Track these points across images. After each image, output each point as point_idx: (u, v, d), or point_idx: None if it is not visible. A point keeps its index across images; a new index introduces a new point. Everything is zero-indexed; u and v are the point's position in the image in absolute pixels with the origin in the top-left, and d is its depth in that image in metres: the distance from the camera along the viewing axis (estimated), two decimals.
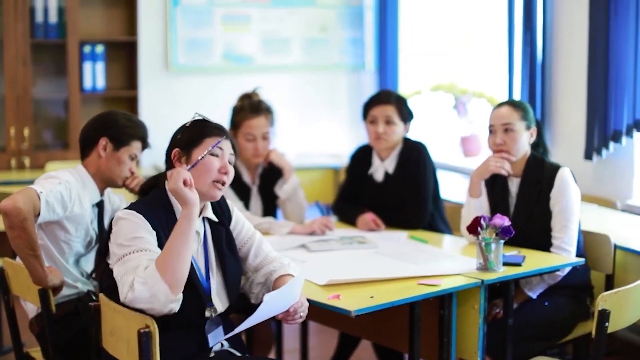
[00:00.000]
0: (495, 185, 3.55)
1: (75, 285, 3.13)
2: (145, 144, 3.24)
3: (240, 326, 2.53)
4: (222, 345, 2.64)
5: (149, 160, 5.63)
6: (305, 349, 4.25)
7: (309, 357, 4.29)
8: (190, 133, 2.56)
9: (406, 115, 3.94)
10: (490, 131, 3.50)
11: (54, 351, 2.96)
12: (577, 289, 3.42)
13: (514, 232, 3.06)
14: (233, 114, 4.00)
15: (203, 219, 2.62)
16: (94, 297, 3.09)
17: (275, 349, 4.17)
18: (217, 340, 2.60)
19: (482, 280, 2.99)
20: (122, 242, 2.44)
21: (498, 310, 3.29)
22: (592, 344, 2.75)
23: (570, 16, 4.68)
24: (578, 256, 3.36)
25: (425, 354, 3.07)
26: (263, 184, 4.03)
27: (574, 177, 3.43)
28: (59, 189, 2.96)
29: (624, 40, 4.18)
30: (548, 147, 3.59)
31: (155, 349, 2.37)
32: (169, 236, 2.43)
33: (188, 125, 2.58)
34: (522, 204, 3.46)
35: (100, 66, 5.73)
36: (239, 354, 2.65)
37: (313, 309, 2.64)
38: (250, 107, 3.96)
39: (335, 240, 3.63)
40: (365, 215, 3.87)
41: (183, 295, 2.42)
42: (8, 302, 3.12)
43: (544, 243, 3.38)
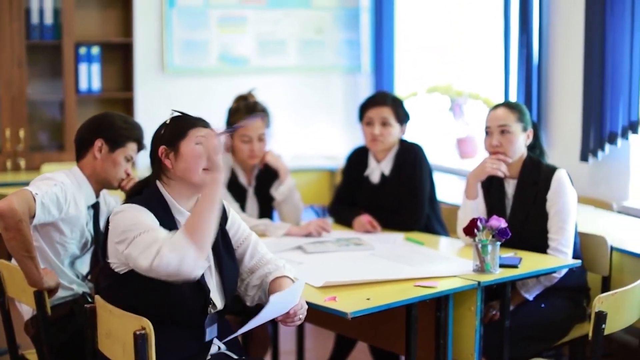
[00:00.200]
0: (491, 187, 3.54)
1: (71, 287, 3.12)
2: (140, 146, 3.24)
3: (243, 328, 2.53)
4: (219, 347, 2.63)
5: (145, 162, 5.61)
6: (301, 350, 4.24)
7: (305, 359, 4.28)
8: (173, 128, 2.60)
9: (402, 116, 3.94)
10: (487, 133, 3.50)
11: (50, 353, 2.95)
12: (574, 291, 3.42)
13: (510, 234, 3.06)
14: (229, 115, 4.01)
15: None
16: (89, 299, 3.08)
17: (272, 351, 4.16)
18: (211, 336, 2.60)
19: (479, 282, 2.99)
20: (130, 226, 2.42)
21: (494, 312, 3.28)
22: (589, 346, 2.75)
23: (566, 18, 4.68)
24: (574, 258, 3.36)
25: (421, 355, 3.07)
26: (259, 186, 4.03)
27: (571, 179, 3.43)
28: (54, 191, 2.95)
29: (620, 42, 4.18)
30: (544, 149, 3.59)
31: (151, 351, 2.37)
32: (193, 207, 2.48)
33: (168, 122, 2.62)
34: (519, 205, 3.46)
35: (95, 67, 5.71)
36: (235, 356, 2.65)
37: (309, 310, 2.64)
38: (246, 109, 3.96)
39: (332, 242, 3.62)
40: (361, 217, 3.86)
41: (186, 292, 2.42)
42: (3, 304, 3.11)
43: (540, 245, 3.37)
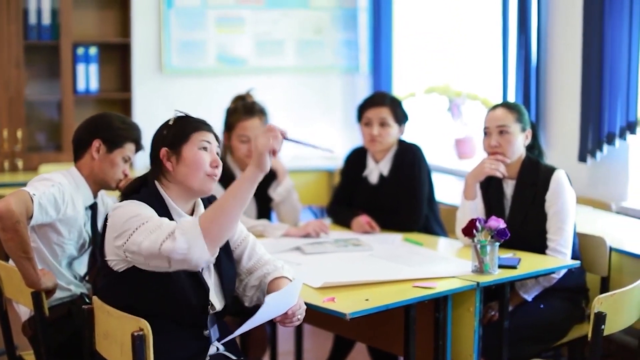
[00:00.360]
0: (490, 187, 3.54)
1: (69, 288, 3.11)
2: (138, 146, 3.23)
3: (240, 328, 2.52)
4: (217, 348, 2.63)
5: (143, 163, 5.61)
6: (299, 351, 4.23)
7: None
8: (176, 130, 2.57)
9: (401, 117, 3.94)
10: (485, 133, 3.49)
11: (47, 354, 2.94)
12: (573, 292, 3.42)
13: (509, 235, 3.06)
14: (227, 115, 4.00)
15: None
16: (87, 300, 3.08)
17: (270, 352, 4.16)
18: (215, 337, 2.59)
19: (478, 283, 2.99)
20: (130, 218, 2.38)
21: (493, 312, 3.28)
22: (588, 347, 2.74)
23: (564, 19, 4.68)
24: (573, 258, 3.35)
25: (420, 356, 3.06)
26: (257, 186, 4.00)
27: (569, 180, 3.43)
28: (52, 191, 2.94)
29: (618, 42, 4.18)
30: (543, 149, 3.58)
31: (149, 352, 2.36)
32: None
33: (171, 123, 2.59)
34: (517, 206, 3.45)
35: (93, 68, 5.71)
36: (234, 357, 2.64)
37: (308, 311, 2.63)
38: (244, 109, 3.95)
39: (330, 243, 3.62)
40: (359, 217, 3.86)
41: (185, 290, 2.42)
42: (1, 305, 3.10)
43: (539, 245, 3.37)
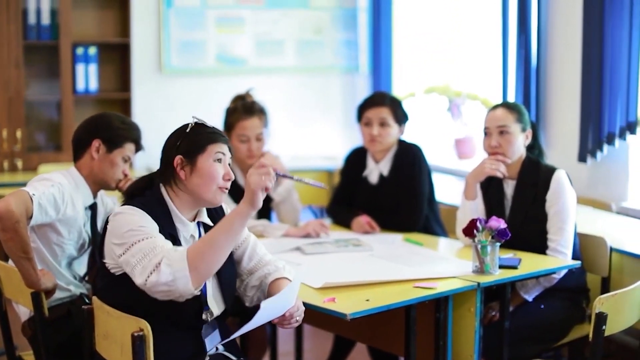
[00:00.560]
0: (490, 187, 3.53)
1: (68, 288, 3.11)
2: (138, 147, 3.21)
3: (238, 332, 2.51)
4: (217, 348, 2.62)
5: (143, 163, 5.61)
6: (299, 352, 4.23)
7: None
8: (191, 140, 2.52)
9: (401, 117, 3.93)
10: (486, 133, 3.49)
11: (47, 355, 2.94)
12: (573, 292, 3.41)
13: (510, 235, 3.05)
14: (226, 115, 3.99)
15: (198, 223, 2.60)
16: (87, 300, 3.07)
17: (270, 352, 4.15)
18: (214, 344, 2.59)
19: (479, 283, 2.98)
20: (129, 231, 2.38)
21: (494, 313, 3.27)
22: (589, 347, 2.74)
23: (564, 18, 4.67)
24: (574, 259, 3.35)
25: (421, 357, 3.06)
26: None
27: (570, 180, 3.42)
28: (51, 191, 2.94)
29: (618, 42, 4.17)
30: (543, 149, 3.58)
31: (149, 353, 2.36)
32: (211, 228, 2.39)
33: (188, 131, 2.55)
34: (518, 206, 3.45)
35: (93, 68, 5.70)
36: (233, 358, 2.64)
37: (308, 311, 2.63)
38: (243, 108, 3.95)
39: (330, 243, 3.61)
40: (360, 217, 3.85)
41: None
42: (0, 305, 3.10)
43: (539, 245, 3.36)
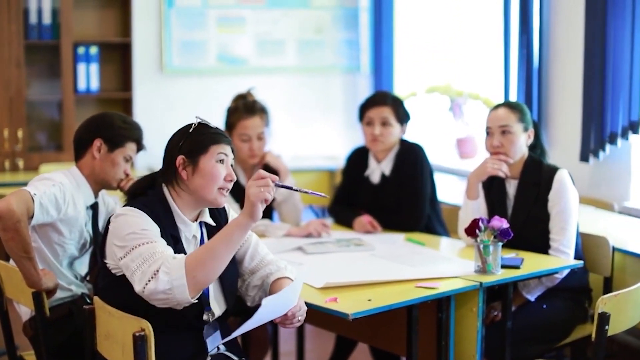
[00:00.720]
0: (492, 187, 3.53)
1: (69, 288, 3.10)
2: (140, 146, 3.21)
3: (238, 330, 2.51)
4: (219, 348, 2.62)
5: (144, 162, 5.60)
6: (301, 352, 4.22)
7: None
8: (194, 140, 2.51)
9: (402, 116, 3.93)
10: (488, 133, 3.48)
11: (48, 354, 2.94)
12: (576, 292, 3.40)
13: (512, 235, 3.05)
14: (228, 114, 3.99)
15: (200, 223, 2.60)
16: (88, 300, 3.07)
17: (271, 352, 4.15)
18: (215, 344, 2.58)
19: (481, 283, 2.97)
20: (130, 234, 2.38)
21: (496, 313, 3.26)
22: (591, 347, 2.73)
23: (566, 18, 4.67)
24: (576, 259, 3.34)
25: (423, 357, 3.05)
26: None
27: (572, 179, 3.41)
28: (52, 191, 2.93)
29: (620, 42, 4.16)
30: (545, 149, 3.57)
31: (150, 353, 2.35)
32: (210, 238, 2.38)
33: (191, 131, 2.53)
34: (520, 206, 3.44)
35: (94, 67, 5.70)
36: (235, 357, 2.63)
37: (309, 311, 2.62)
38: (244, 108, 3.94)
39: (332, 243, 3.61)
40: (361, 217, 3.85)
41: None
42: (1, 305, 3.09)
43: (541, 245, 3.36)
